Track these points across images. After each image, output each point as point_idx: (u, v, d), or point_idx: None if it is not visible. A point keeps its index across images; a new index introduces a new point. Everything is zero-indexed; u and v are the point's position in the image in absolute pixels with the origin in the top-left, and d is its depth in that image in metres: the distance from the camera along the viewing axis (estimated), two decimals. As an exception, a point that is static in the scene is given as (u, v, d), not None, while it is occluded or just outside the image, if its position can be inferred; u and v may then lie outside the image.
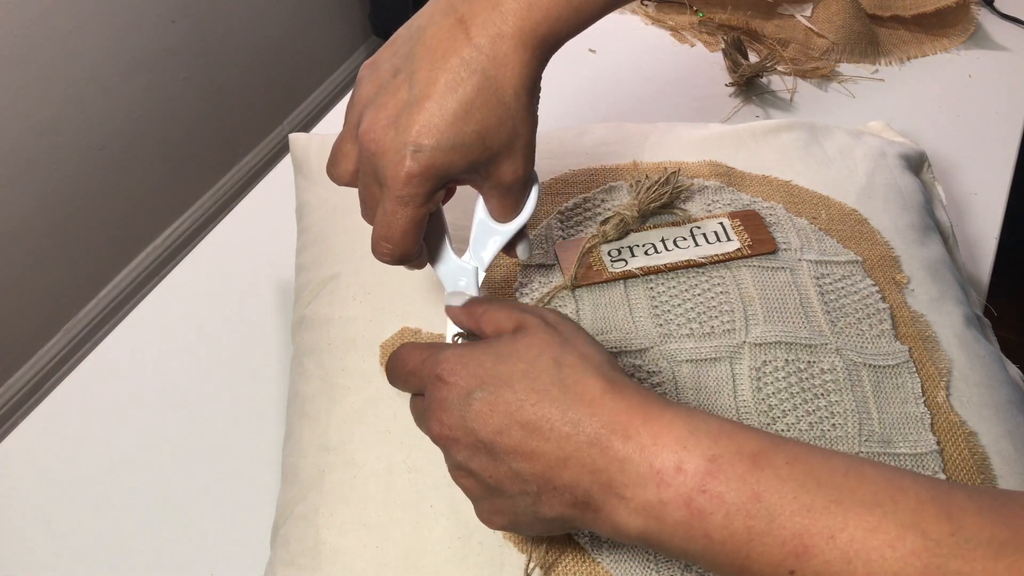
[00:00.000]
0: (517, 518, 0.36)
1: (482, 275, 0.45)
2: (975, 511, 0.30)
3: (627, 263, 0.52)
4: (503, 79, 0.39)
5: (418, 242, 0.42)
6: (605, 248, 0.53)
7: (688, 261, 0.52)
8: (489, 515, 0.37)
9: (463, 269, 0.45)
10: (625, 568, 0.41)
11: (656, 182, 0.55)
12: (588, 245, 0.52)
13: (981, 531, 0.29)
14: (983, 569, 0.28)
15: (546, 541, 0.42)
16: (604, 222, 0.54)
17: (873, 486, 0.31)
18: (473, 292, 0.45)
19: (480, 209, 0.45)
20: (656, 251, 0.53)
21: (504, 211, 0.44)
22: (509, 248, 0.46)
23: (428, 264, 0.46)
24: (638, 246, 0.53)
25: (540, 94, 0.42)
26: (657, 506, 0.32)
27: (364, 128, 0.40)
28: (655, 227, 0.54)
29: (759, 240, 0.53)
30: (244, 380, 0.60)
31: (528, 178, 0.43)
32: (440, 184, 0.40)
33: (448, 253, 0.46)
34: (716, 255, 0.52)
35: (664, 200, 0.55)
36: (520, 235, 0.46)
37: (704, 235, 0.53)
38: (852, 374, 0.47)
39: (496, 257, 0.46)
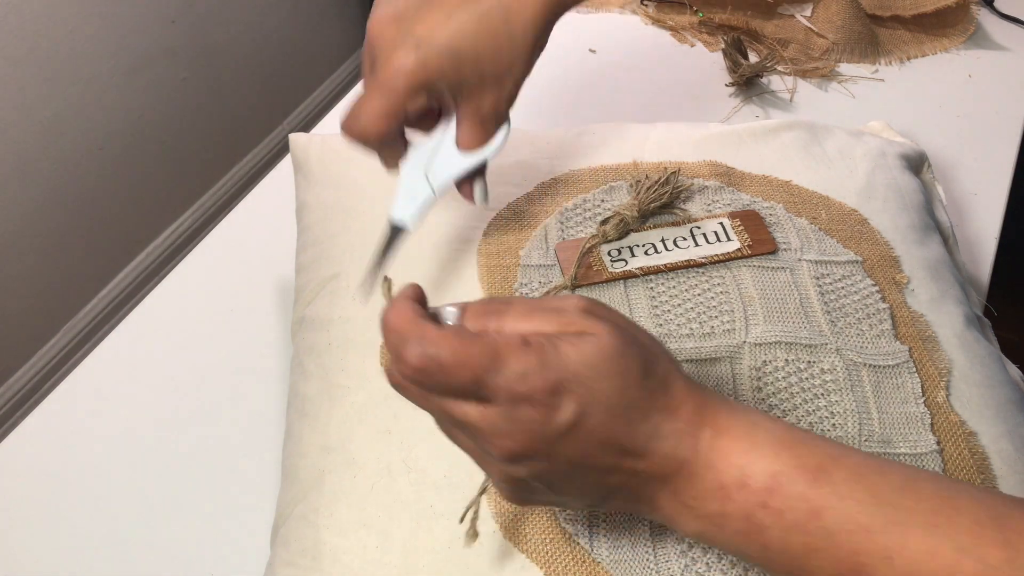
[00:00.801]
0: (562, 506, 0.37)
1: (435, 202, 0.46)
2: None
3: (627, 263, 0.52)
4: (516, 12, 0.42)
5: (383, 133, 0.43)
6: (605, 248, 0.53)
7: (688, 261, 0.52)
8: (525, 501, 0.37)
9: (418, 189, 0.45)
10: (625, 568, 0.41)
11: (656, 182, 0.55)
12: (588, 245, 0.52)
13: None
14: None
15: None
16: (604, 222, 0.54)
17: (930, 504, 0.31)
18: (415, 219, 0.45)
19: (447, 137, 0.45)
20: (656, 251, 0.53)
21: (473, 139, 0.45)
22: (465, 188, 0.46)
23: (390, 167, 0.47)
24: (638, 246, 0.53)
25: (543, 49, 0.45)
26: (719, 517, 0.33)
27: (373, 19, 0.42)
28: (655, 227, 0.54)
29: (759, 240, 0.53)
30: (244, 380, 0.60)
31: (503, 115, 0.44)
32: (424, 87, 0.41)
33: (412, 172, 0.46)
34: (716, 255, 0.52)
35: (664, 200, 0.55)
36: (479, 176, 0.46)
37: (704, 235, 0.53)
38: (852, 374, 0.47)
39: (449, 191, 0.46)
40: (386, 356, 0.49)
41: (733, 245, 0.53)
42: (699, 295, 0.50)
